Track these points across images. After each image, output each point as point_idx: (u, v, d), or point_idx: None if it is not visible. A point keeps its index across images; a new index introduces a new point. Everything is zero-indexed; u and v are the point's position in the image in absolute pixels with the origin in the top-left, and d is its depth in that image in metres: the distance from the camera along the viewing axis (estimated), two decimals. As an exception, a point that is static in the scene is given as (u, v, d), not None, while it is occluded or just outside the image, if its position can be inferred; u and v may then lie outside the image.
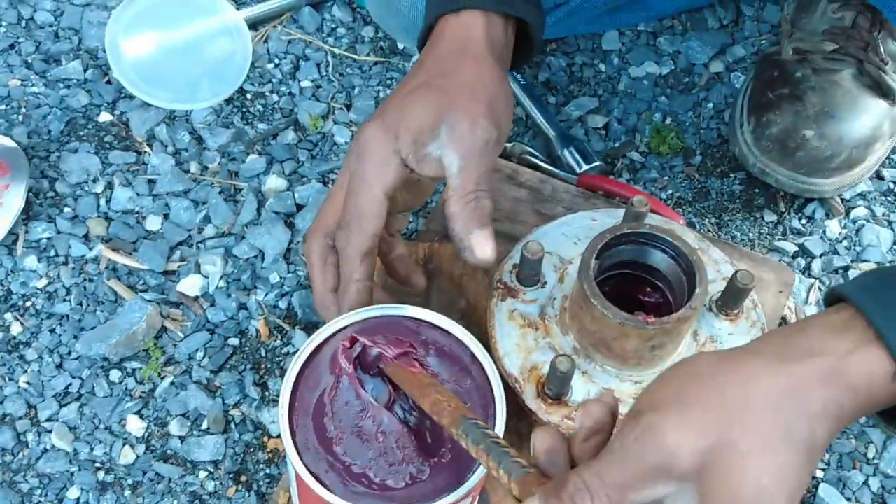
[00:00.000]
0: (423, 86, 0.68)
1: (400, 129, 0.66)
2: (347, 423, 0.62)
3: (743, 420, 0.45)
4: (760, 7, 1.16)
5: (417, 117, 0.66)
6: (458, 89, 0.67)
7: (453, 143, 0.65)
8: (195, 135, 1.05)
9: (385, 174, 0.65)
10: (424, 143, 0.66)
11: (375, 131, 0.66)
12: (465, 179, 0.65)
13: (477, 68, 0.68)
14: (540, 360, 0.69)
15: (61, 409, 0.88)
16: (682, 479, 0.45)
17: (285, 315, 0.94)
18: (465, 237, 0.65)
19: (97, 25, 1.12)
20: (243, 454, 0.86)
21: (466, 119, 0.66)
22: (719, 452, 0.44)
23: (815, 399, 0.47)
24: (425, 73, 0.70)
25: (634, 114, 1.07)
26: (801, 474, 0.46)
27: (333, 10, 1.15)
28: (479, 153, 0.66)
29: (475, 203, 0.65)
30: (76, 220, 0.99)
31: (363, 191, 0.65)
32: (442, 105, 0.66)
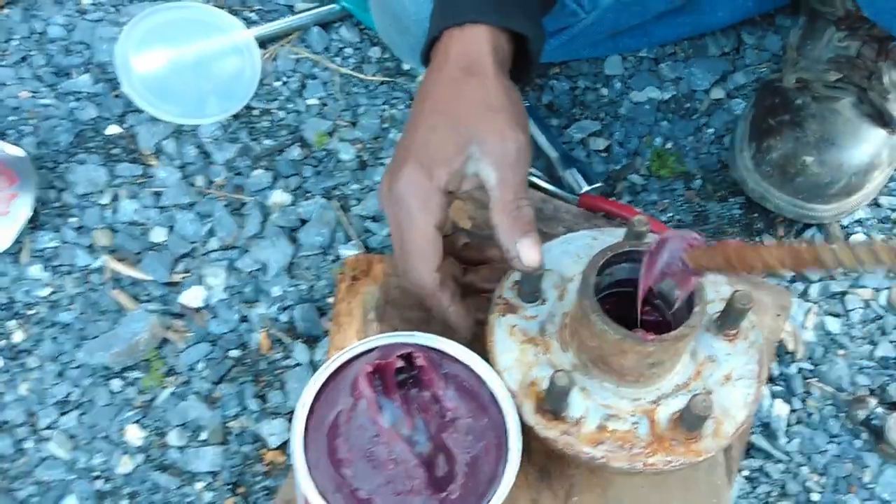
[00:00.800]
0: (440, 115, 0.69)
1: (433, 167, 0.67)
2: (360, 447, 0.62)
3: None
4: (761, 36, 1.17)
5: (446, 149, 0.68)
6: (476, 110, 0.69)
7: (487, 157, 0.67)
8: (202, 149, 1.06)
9: (430, 211, 0.68)
10: (459, 169, 0.68)
11: (410, 176, 0.68)
12: (504, 191, 0.67)
13: (486, 85, 0.70)
14: (539, 375, 0.69)
15: (61, 417, 0.89)
16: None
17: (287, 328, 0.94)
18: (511, 246, 0.67)
19: (108, 41, 1.14)
20: (241, 466, 0.87)
21: (494, 133, 0.67)
22: None
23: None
24: (439, 100, 0.71)
25: (636, 137, 1.09)
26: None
27: (341, 31, 1.17)
28: (513, 163, 0.68)
29: (517, 212, 0.67)
30: (82, 230, 1.00)
31: (415, 233, 0.68)
32: (466, 129, 0.68)
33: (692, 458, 0.67)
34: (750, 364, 0.71)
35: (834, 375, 0.93)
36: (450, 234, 0.77)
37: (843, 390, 0.93)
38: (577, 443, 0.66)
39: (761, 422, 0.90)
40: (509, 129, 0.68)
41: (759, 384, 0.70)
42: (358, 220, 1.01)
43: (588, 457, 0.66)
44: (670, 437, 0.67)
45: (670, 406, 0.69)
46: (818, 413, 0.91)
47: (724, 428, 0.68)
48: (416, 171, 0.68)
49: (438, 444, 0.63)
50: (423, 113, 0.71)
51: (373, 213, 1.02)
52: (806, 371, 0.94)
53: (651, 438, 0.67)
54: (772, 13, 1.19)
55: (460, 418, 0.64)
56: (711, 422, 0.68)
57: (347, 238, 1.00)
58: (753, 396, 0.70)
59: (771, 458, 0.89)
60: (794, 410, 0.91)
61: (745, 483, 0.88)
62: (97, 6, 1.19)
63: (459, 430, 0.64)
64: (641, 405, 0.69)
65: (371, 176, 1.05)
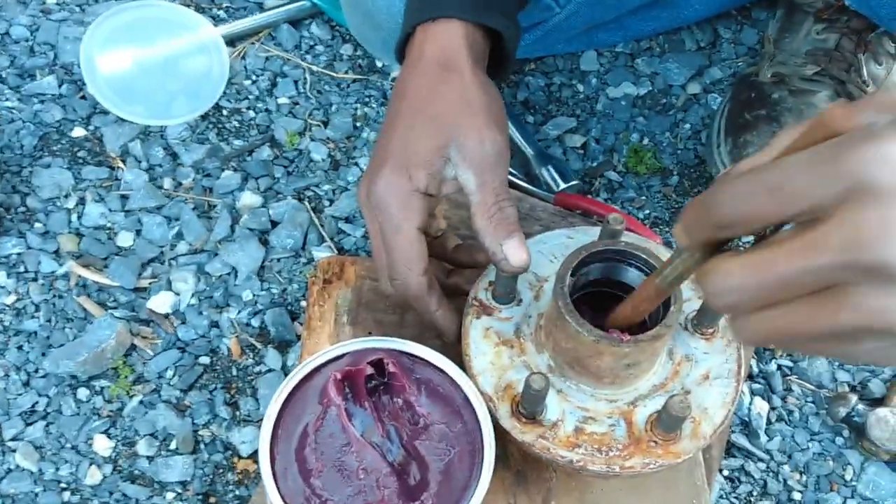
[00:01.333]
0: (418, 115, 0.68)
1: (411, 169, 0.66)
2: (330, 456, 0.60)
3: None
4: (737, 30, 1.16)
5: (424, 151, 0.66)
6: (453, 109, 0.67)
7: (465, 161, 0.66)
8: (169, 150, 1.04)
9: (412, 214, 0.66)
10: (439, 171, 0.66)
11: (388, 178, 0.66)
12: (485, 194, 0.66)
13: (463, 83, 0.68)
14: (514, 378, 0.67)
15: (27, 428, 0.86)
16: None
17: (258, 333, 0.92)
18: (497, 249, 0.66)
19: (73, 41, 1.11)
20: (212, 475, 0.85)
21: (472, 136, 0.66)
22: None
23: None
24: (415, 99, 0.69)
25: (612, 134, 1.07)
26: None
27: (312, 28, 1.14)
28: (492, 165, 0.66)
29: (499, 214, 0.66)
30: (47, 235, 0.97)
31: (399, 237, 0.66)
32: (443, 130, 0.67)
33: (671, 459, 0.65)
34: (728, 363, 0.70)
35: (814, 372, 0.92)
36: (439, 235, 0.75)
37: (824, 387, 0.92)
38: (554, 446, 0.65)
39: (741, 420, 0.89)
40: (488, 130, 0.66)
41: (737, 383, 0.69)
42: (331, 222, 0.99)
43: (565, 460, 0.65)
44: (648, 438, 0.66)
45: (648, 407, 0.67)
46: (798, 411, 0.90)
47: (703, 428, 0.67)
48: (394, 173, 0.66)
49: (411, 451, 0.62)
50: (400, 113, 0.69)
51: (346, 214, 1.00)
52: (785, 368, 0.93)
53: (628, 440, 0.66)
54: (748, 6, 1.18)
55: (433, 424, 0.63)
56: (690, 422, 0.66)
57: (321, 240, 0.98)
58: (732, 396, 0.68)
59: (752, 457, 0.88)
60: (773, 408, 0.90)
61: (725, 483, 0.86)
62: (61, 6, 1.16)
63: (432, 436, 0.62)
64: (618, 407, 0.67)
65: (344, 176, 1.03)
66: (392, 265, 0.68)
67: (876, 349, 0.37)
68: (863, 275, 0.35)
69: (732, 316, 0.41)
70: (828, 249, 0.36)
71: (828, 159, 0.36)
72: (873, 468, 0.87)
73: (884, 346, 0.37)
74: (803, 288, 0.38)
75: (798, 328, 0.38)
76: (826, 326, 0.37)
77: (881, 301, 0.36)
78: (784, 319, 0.39)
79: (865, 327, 0.36)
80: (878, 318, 0.36)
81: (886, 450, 0.86)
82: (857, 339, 0.37)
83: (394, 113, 0.70)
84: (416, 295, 0.68)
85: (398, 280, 0.68)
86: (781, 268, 0.38)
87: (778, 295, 0.38)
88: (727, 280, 0.39)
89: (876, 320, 0.36)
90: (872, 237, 0.35)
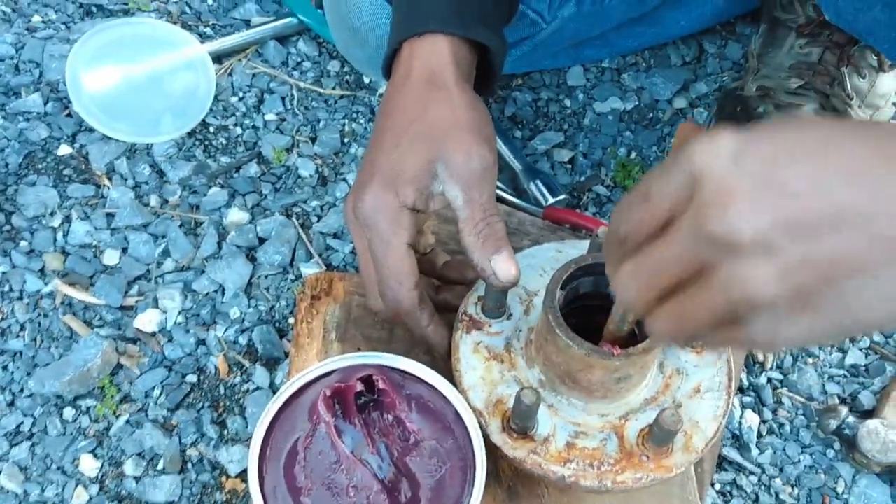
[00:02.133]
0: (405, 132, 0.68)
1: (398, 185, 0.66)
2: (319, 474, 0.60)
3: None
4: (722, 45, 1.17)
5: (411, 168, 0.66)
6: (441, 125, 0.67)
7: (453, 178, 0.66)
8: (156, 168, 1.03)
9: (401, 230, 0.66)
10: (426, 187, 0.66)
11: (376, 194, 0.66)
12: (473, 210, 0.66)
13: (451, 99, 0.68)
14: (505, 393, 0.67)
15: (12, 449, 0.85)
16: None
17: (245, 351, 0.91)
18: (486, 265, 0.65)
19: (58, 58, 1.11)
20: (200, 495, 0.84)
21: (459, 152, 0.66)
22: None
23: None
24: (402, 115, 0.69)
25: (600, 148, 1.08)
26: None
27: (299, 44, 1.14)
28: (479, 181, 0.66)
29: (487, 230, 0.66)
30: (32, 254, 0.96)
31: (388, 254, 0.66)
32: (430, 146, 0.66)
33: (663, 473, 0.65)
34: (719, 376, 0.69)
35: (804, 385, 0.92)
36: (428, 252, 0.75)
37: (814, 399, 0.92)
38: (546, 462, 0.64)
39: (732, 434, 0.89)
40: (475, 146, 0.66)
41: (728, 396, 0.69)
42: (319, 238, 0.99)
43: (557, 476, 0.64)
44: (640, 452, 0.65)
45: (639, 421, 0.67)
46: (789, 423, 0.90)
47: (694, 442, 0.66)
48: (382, 188, 0.66)
49: (402, 468, 0.61)
50: (387, 129, 0.69)
51: (334, 230, 0.99)
52: (776, 381, 0.92)
53: (620, 455, 0.65)
54: (732, 22, 1.18)
55: (424, 440, 0.62)
56: (681, 436, 0.66)
57: (308, 256, 0.98)
58: (723, 409, 0.68)
59: (743, 471, 0.87)
60: (764, 421, 0.90)
61: (717, 497, 0.86)
62: (47, 24, 1.16)
63: (423, 452, 0.62)
64: (610, 421, 0.67)
65: (332, 192, 1.02)
66: (382, 281, 0.67)
67: (765, 329, 0.40)
68: (715, 250, 0.40)
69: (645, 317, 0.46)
70: (683, 232, 0.41)
71: (672, 163, 0.42)
72: (865, 480, 0.87)
73: (770, 322, 0.40)
74: (677, 270, 0.42)
75: (690, 315, 0.42)
76: (709, 309, 0.41)
77: (739, 271, 0.39)
78: (677, 309, 0.43)
79: (737, 300, 0.40)
80: (742, 289, 0.39)
81: (877, 462, 0.86)
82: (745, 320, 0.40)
83: (381, 129, 0.70)
84: (407, 310, 0.68)
85: (389, 295, 0.67)
86: (654, 257, 0.43)
87: (660, 282, 0.43)
88: (623, 275, 0.45)
89: (742, 291, 0.39)
90: (710, 211, 0.39)
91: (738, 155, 0.40)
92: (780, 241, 0.38)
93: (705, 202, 0.40)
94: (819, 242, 0.38)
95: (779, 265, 0.39)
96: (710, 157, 0.40)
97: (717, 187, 0.39)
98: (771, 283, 0.39)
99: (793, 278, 0.39)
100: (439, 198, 0.68)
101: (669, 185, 0.42)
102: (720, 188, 0.39)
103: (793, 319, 0.40)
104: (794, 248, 0.38)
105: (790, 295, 0.39)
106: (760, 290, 0.39)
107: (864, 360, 0.94)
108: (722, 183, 0.39)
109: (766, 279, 0.39)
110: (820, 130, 0.41)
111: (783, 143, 0.40)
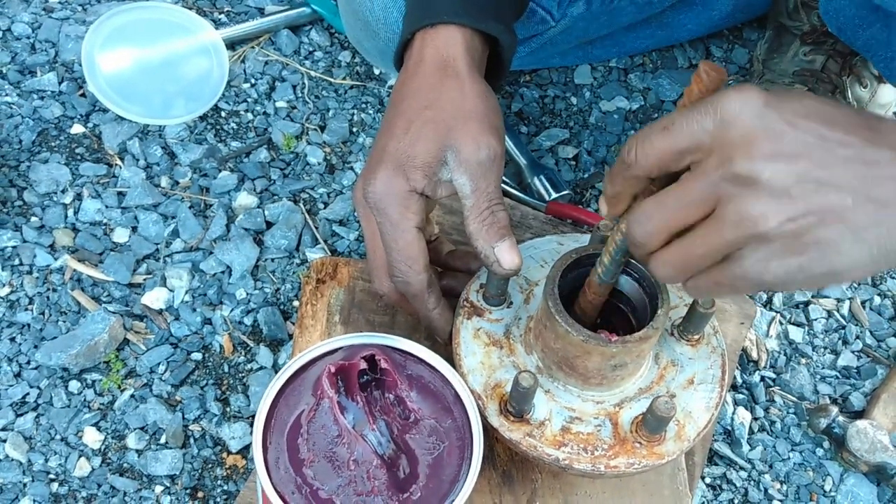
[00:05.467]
0: (415, 119, 0.69)
1: (408, 170, 0.67)
2: (321, 447, 0.61)
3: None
4: (728, 49, 1.19)
5: (421, 154, 0.67)
6: (451, 113, 0.69)
7: (461, 166, 0.67)
8: (167, 150, 1.05)
9: (410, 214, 0.68)
10: (435, 173, 0.68)
11: (386, 179, 0.68)
12: (478, 198, 0.67)
13: (462, 87, 0.70)
14: (503, 377, 0.69)
15: (17, 419, 0.87)
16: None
17: (250, 331, 0.93)
18: (489, 252, 0.67)
19: (74, 39, 1.12)
20: (201, 470, 0.85)
21: (468, 141, 0.67)
22: None
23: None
24: (413, 102, 0.70)
25: (604, 146, 1.09)
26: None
27: (311, 34, 1.16)
28: (486, 170, 0.68)
29: (491, 218, 0.67)
30: (43, 229, 0.98)
31: (398, 236, 0.68)
32: (440, 134, 0.68)
33: (655, 460, 0.67)
34: (712, 369, 0.71)
35: (796, 384, 0.94)
36: (433, 240, 0.76)
37: (805, 399, 0.93)
38: (541, 444, 0.66)
39: (724, 429, 0.91)
40: (484, 136, 0.68)
41: (721, 389, 0.70)
42: (325, 224, 1.00)
43: (551, 458, 0.66)
44: (633, 439, 0.67)
45: (633, 409, 0.68)
46: (780, 421, 0.92)
47: (687, 431, 0.68)
48: (392, 173, 0.68)
49: (401, 444, 0.63)
50: (398, 116, 0.70)
51: (340, 217, 1.01)
52: (769, 379, 0.94)
53: (614, 441, 0.67)
54: (739, 27, 1.20)
55: (423, 419, 0.64)
56: (674, 425, 0.68)
57: (314, 241, 0.99)
58: (716, 401, 0.70)
59: (734, 466, 0.89)
60: (756, 418, 0.92)
61: (707, 490, 0.88)
62: (64, 5, 1.17)
63: (422, 431, 0.63)
64: (605, 408, 0.69)
65: (339, 180, 1.04)
66: (392, 263, 0.69)
67: (758, 262, 0.47)
68: (734, 185, 0.46)
69: (651, 257, 0.52)
70: (708, 170, 0.47)
71: (700, 106, 0.48)
72: (852, 479, 0.89)
73: (763, 256, 0.47)
74: (696, 210, 0.48)
75: (694, 250, 0.49)
76: (715, 242, 0.48)
77: (753, 206, 0.46)
78: (685, 246, 0.49)
79: (743, 232, 0.46)
80: (751, 220, 0.46)
81: (865, 461, 0.88)
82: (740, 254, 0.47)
83: (391, 116, 0.71)
84: (415, 292, 0.70)
85: (399, 277, 0.69)
86: (674, 194, 0.49)
87: (677, 222, 0.49)
88: (636, 214, 0.51)
89: (751, 223, 0.46)
90: (736, 152, 0.46)
91: (765, 109, 0.46)
92: (792, 188, 0.45)
93: (733, 143, 0.46)
94: (821, 196, 0.46)
95: (786, 206, 0.45)
96: (740, 106, 0.46)
97: (744, 132, 0.46)
98: (776, 220, 0.46)
99: (794, 221, 0.46)
100: (446, 185, 0.69)
101: (695, 124, 0.47)
102: (747, 133, 0.46)
103: (783, 258, 0.47)
104: (801, 195, 0.45)
105: (788, 234, 0.46)
106: (767, 224, 0.46)
107: (855, 362, 0.96)
108: (749, 129, 0.46)
109: (773, 216, 0.45)
110: (829, 104, 0.48)
111: (801, 108, 0.47)
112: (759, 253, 0.47)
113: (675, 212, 0.49)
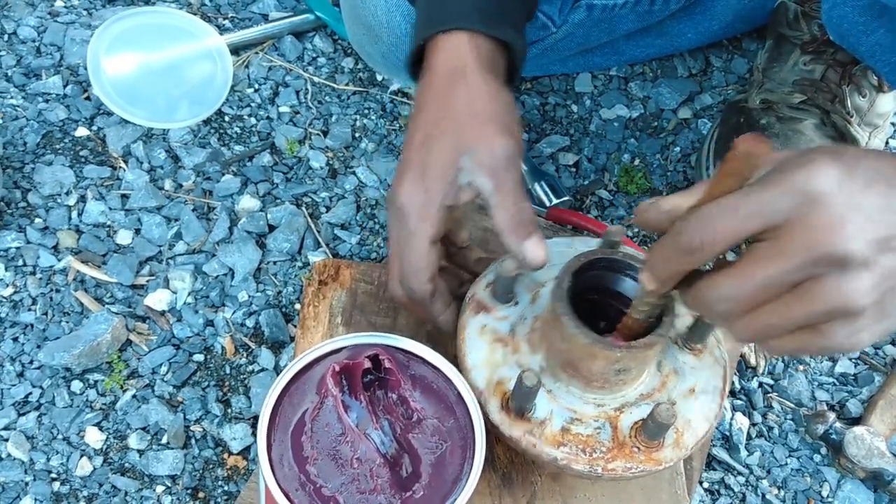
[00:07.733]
0: (430, 128, 0.71)
1: (426, 181, 0.69)
2: (325, 445, 0.61)
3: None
4: (728, 59, 1.20)
5: (437, 163, 0.69)
6: (463, 119, 0.70)
7: (480, 168, 0.68)
8: (171, 153, 1.06)
9: (425, 225, 0.69)
10: (453, 181, 0.69)
11: (407, 189, 0.69)
12: (503, 196, 0.68)
13: (472, 90, 0.71)
14: (506, 375, 0.69)
15: (19, 419, 0.87)
16: None
17: (252, 333, 0.94)
18: (517, 248, 0.68)
19: (80, 43, 1.13)
20: (202, 470, 0.86)
21: (483, 143, 0.68)
22: None
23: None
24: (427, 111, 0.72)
25: (604, 154, 1.10)
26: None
27: (315, 40, 1.17)
28: (505, 169, 0.69)
29: (519, 215, 0.68)
30: (46, 231, 0.98)
31: (409, 247, 0.70)
32: (454, 140, 0.69)
33: (652, 466, 0.67)
34: (714, 380, 0.71)
35: (794, 390, 0.94)
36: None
37: (803, 405, 0.94)
38: (540, 443, 0.66)
39: (722, 434, 0.91)
40: (497, 135, 0.69)
41: (721, 399, 0.71)
42: (327, 228, 1.01)
43: (550, 458, 0.66)
44: (632, 444, 0.67)
45: (633, 414, 0.69)
46: (778, 427, 0.93)
47: (685, 439, 0.68)
48: (412, 184, 0.69)
49: (404, 444, 0.63)
50: (416, 125, 0.72)
51: (342, 221, 1.02)
52: (767, 386, 0.95)
53: (612, 444, 0.67)
54: (739, 37, 1.21)
55: (426, 419, 0.64)
56: (673, 432, 0.68)
57: (316, 245, 1.00)
58: (715, 411, 0.70)
59: (731, 471, 0.90)
60: (754, 424, 0.92)
61: (705, 494, 0.88)
62: (69, 9, 1.18)
63: (425, 430, 0.64)
64: (605, 411, 0.69)
65: (341, 184, 1.05)
66: (403, 271, 0.71)
67: (850, 335, 0.47)
68: (826, 266, 0.46)
69: (727, 321, 0.51)
70: (797, 251, 0.46)
71: (776, 181, 0.47)
72: (849, 485, 0.89)
73: (855, 329, 0.47)
74: (782, 287, 0.48)
75: (782, 323, 0.48)
76: (803, 316, 0.48)
77: (844, 285, 0.46)
78: (770, 315, 0.49)
79: (836, 309, 0.47)
80: (844, 300, 0.46)
81: (862, 467, 0.88)
82: (830, 327, 0.48)
83: (411, 128, 0.73)
84: (419, 299, 0.72)
85: (406, 284, 0.71)
86: (761, 274, 0.48)
87: (762, 297, 0.49)
88: (718, 291, 0.50)
89: (843, 301, 0.46)
90: (828, 235, 0.46)
91: (842, 181, 0.46)
92: (875, 257, 0.46)
93: (818, 224, 0.46)
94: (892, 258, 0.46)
95: (873, 277, 0.46)
96: (820, 182, 0.46)
97: (829, 211, 0.46)
98: (867, 293, 0.46)
99: (878, 289, 0.47)
100: (468, 189, 0.70)
101: (769, 204, 0.47)
102: (831, 212, 0.46)
103: (872, 327, 0.48)
104: (883, 261, 0.46)
105: (874, 304, 0.47)
106: (860, 300, 0.46)
107: (853, 369, 0.96)
108: (832, 208, 0.46)
109: (865, 293, 0.46)
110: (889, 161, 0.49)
111: (873, 173, 0.47)
112: (850, 327, 0.47)
113: (759, 291, 0.48)
